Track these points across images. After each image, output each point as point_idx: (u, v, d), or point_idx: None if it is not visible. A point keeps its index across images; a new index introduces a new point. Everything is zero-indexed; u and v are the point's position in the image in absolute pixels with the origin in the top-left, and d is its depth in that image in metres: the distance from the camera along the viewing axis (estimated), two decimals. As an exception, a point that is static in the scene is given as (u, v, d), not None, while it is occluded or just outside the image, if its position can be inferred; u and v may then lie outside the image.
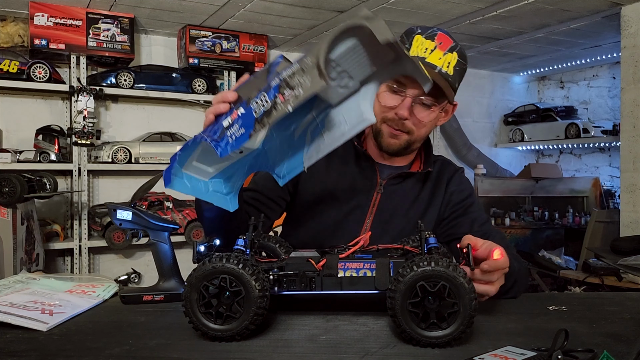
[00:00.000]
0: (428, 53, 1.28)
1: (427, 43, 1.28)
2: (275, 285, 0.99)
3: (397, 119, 1.32)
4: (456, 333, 0.87)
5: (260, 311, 0.90)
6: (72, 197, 3.96)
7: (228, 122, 0.94)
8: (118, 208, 1.20)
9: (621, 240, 3.46)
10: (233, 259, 0.91)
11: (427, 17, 3.88)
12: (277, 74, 0.91)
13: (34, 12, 3.56)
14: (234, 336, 0.91)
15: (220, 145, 0.93)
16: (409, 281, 0.87)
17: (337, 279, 0.98)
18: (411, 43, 1.30)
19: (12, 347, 0.89)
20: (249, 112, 0.92)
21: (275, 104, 0.90)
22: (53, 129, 3.75)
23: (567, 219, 4.86)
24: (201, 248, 1.00)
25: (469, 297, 0.86)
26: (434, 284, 0.87)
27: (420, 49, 1.28)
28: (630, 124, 3.73)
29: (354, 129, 0.99)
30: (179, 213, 3.97)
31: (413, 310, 0.87)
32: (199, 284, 0.91)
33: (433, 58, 1.28)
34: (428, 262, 0.87)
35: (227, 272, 0.90)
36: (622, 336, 0.94)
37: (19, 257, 3.16)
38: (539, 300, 1.26)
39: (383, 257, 1.00)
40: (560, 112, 5.39)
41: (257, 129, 0.91)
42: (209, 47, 4.16)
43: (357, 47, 0.91)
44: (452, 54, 1.29)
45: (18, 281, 1.28)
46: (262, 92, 0.91)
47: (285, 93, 0.89)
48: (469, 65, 1.40)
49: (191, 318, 0.91)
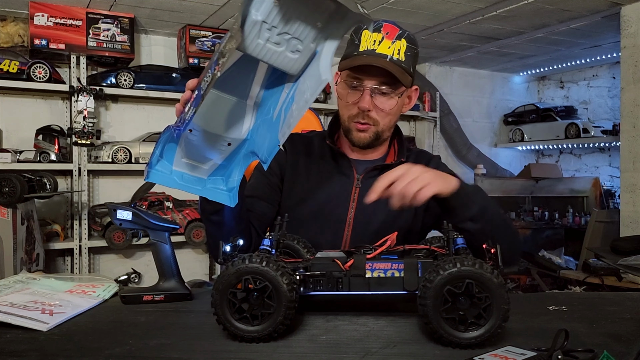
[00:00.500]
0: (377, 45, 1.33)
1: (375, 35, 1.33)
2: (302, 285, 0.99)
3: (361, 112, 1.37)
4: (493, 329, 0.87)
5: (292, 305, 0.90)
6: (72, 197, 3.96)
7: (188, 107, 1.00)
8: (118, 208, 1.20)
9: (621, 240, 3.46)
10: (272, 264, 0.90)
11: (427, 17, 3.88)
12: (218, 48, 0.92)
13: (34, 12, 3.56)
14: (271, 334, 0.90)
15: (180, 130, 0.99)
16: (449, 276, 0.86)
17: (364, 280, 0.98)
18: (360, 39, 1.35)
19: (12, 347, 0.89)
20: (199, 91, 0.96)
21: (214, 75, 0.91)
22: (53, 129, 3.75)
23: (567, 219, 4.86)
24: (227, 248, 1.00)
25: (500, 292, 0.86)
26: (462, 284, 0.86)
27: (369, 42, 1.33)
28: (630, 124, 3.73)
29: (315, 92, 0.96)
30: (179, 213, 3.97)
31: (448, 316, 0.87)
32: (227, 289, 0.90)
33: (382, 48, 1.32)
34: (472, 263, 0.87)
35: (252, 272, 0.89)
36: (622, 336, 0.94)
37: (19, 257, 3.16)
38: (539, 300, 1.26)
39: (411, 258, 1.00)
40: (560, 112, 5.40)
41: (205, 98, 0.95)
42: (209, 47, 4.15)
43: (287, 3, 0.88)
44: (401, 41, 1.34)
45: (18, 281, 1.28)
46: (207, 69, 0.94)
47: (220, 62, 0.90)
48: (468, 65, 1.42)
49: (224, 324, 0.91)
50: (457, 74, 5.62)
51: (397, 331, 0.97)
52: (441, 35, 4.37)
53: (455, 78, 5.61)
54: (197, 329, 0.99)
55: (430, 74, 5.42)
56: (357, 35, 1.36)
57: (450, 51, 4.92)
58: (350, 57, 1.35)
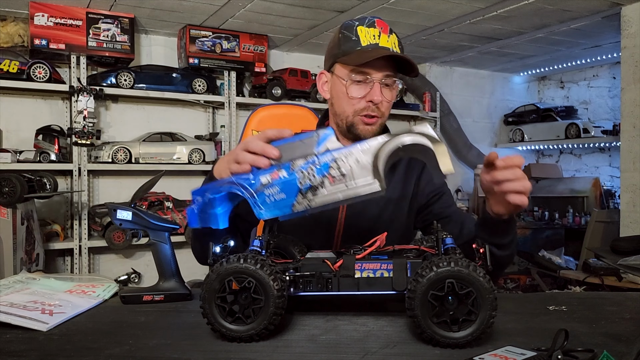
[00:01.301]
0: (377, 39, 1.35)
1: (372, 30, 1.35)
2: (292, 286, 0.99)
3: (369, 106, 1.37)
4: (477, 333, 0.87)
5: (279, 311, 0.90)
6: (72, 197, 3.96)
7: (267, 180, 0.93)
8: (118, 208, 1.20)
9: (621, 240, 3.46)
10: (250, 259, 0.90)
11: (427, 17, 3.88)
12: (327, 150, 0.91)
13: (34, 12, 3.56)
14: (253, 337, 0.90)
15: (257, 203, 0.93)
16: (428, 281, 0.87)
17: (354, 280, 0.98)
18: (357, 35, 1.36)
19: (12, 347, 0.89)
20: (292, 179, 0.92)
21: (323, 183, 0.91)
22: (53, 129, 3.75)
23: (567, 219, 4.86)
24: (217, 249, 1.00)
25: (489, 297, 0.86)
26: (453, 284, 0.86)
27: (369, 37, 1.35)
28: (630, 124, 3.73)
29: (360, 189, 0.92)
30: (179, 213, 3.97)
31: (433, 311, 0.87)
32: (216, 286, 0.90)
33: (383, 42, 1.35)
34: (448, 263, 0.87)
35: (244, 272, 0.89)
36: (622, 336, 0.94)
37: (19, 257, 3.16)
38: (539, 300, 1.26)
39: (400, 258, 1.00)
40: (560, 112, 5.40)
41: (300, 202, 0.92)
42: (209, 47, 4.16)
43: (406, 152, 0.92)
44: (393, 35, 1.37)
45: (18, 281, 1.28)
46: (310, 163, 0.92)
47: (335, 176, 0.90)
48: (468, 65, 1.44)
49: (209, 319, 0.91)
50: (457, 74, 5.62)
51: (397, 331, 0.97)
52: (441, 35, 4.37)
53: (455, 78, 5.61)
54: (197, 329, 0.99)
55: (431, 74, 5.42)
56: (353, 32, 1.36)
57: (451, 51, 4.92)
58: (354, 53, 1.34)
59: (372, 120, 1.40)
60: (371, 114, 1.38)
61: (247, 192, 0.93)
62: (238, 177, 0.96)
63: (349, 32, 1.36)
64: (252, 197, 0.93)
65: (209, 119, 4.50)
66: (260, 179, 0.94)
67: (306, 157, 0.92)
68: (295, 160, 0.93)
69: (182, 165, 4.06)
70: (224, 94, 4.37)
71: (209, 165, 4.17)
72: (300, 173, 0.92)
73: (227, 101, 4.37)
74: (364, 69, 1.34)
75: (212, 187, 0.98)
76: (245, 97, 4.50)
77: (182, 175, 4.30)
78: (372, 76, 1.35)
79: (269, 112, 1.84)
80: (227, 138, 4.36)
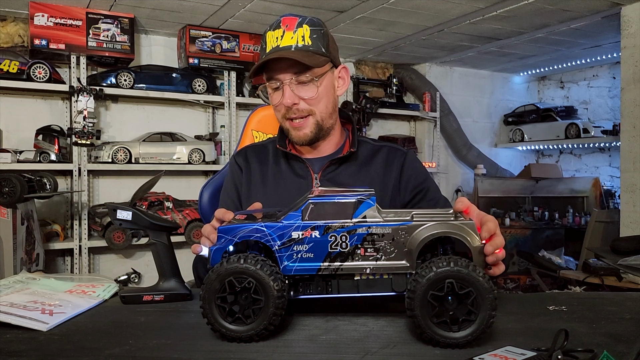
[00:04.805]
0: (280, 40, 1.34)
1: (276, 33, 1.35)
2: (291, 289, 0.99)
3: (290, 109, 1.38)
4: (477, 333, 0.87)
5: (279, 311, 0.90)
6: (72, 197, 3.96)
7: (297, 236, 0.93)
8: (118, 208, 1.20)
9: (621, 240, 3.46)
10: (250, 260, 0.90)
11: (427, 17, 3.88)
12: (364, 219, 0.92)
13: (34, 12, 3.56)
14: (253, 337, 0.90)
15: (283, 255, 0.93)
16: (428, 281, 0.87)
17: (353, 282, 0.98)
18: (266, 42, 1.37)
19: (12, 347, 0.89)
20: (324, 241, 0.92)
21: (354, 253, 0.92)
22: (53, 129, 3.75)
23: (567, 219, 4.86)
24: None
25: (489, 297, 0.86)
26: (452, 284, 0.86)
27: (272, 41, 1.36)
28: (630, 124, 3.73)
29: None
30: (179, 213, 3.97)
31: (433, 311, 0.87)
32: (216, 286, 0.90)
33: (285, 41, 1.34)
34: (447, 263, 0.87)
35: (245, 272, 0.90)
36: (622, 336, 0.94)
37: (19, 257, 3.16)
38: (539, 300, 1.26)
39: None
40: (560, 112, 5.40)
41: (326, 266, 0.93)
42: (209, 47, 4.16)
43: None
44: (303, 28, 1.35)
45: (18, 281, 1.28)
46: (345, 231, 0.92)
47: (367, 249, 0.91)
48: (468, 65, 1.42)
49: (209, 319, 0.91)
50: (457, 74, 5.62)
51: (397, 331, 0.97)
52: (441, 35, 4.37)
53: (455, 78, 5.61)
54: (197, 329, 0.99)
55: (431, 74, 5.42)
56: (263, 41, 1.38)
57: (451, 51, 4.92)
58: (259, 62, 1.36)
59: (299, 124, 1.40)
60: (293, 117, 1.39)
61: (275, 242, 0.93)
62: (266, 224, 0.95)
63: (262, 41, 1.39)
64: (278, 250, 0.93)
65: (208, 119, 4.50)
66: (291, 233, 0.93)
67: (342, 220, 0.93)
68: (331, 223, 0.93)
69: (182, 165, 4.07)
70: (224, 94, 4.37)
71: (209, 165, 4.17)
72: (333, 238, 0.92)
73: (227, 101, 4.37)
74: (271, 74, 1.36)
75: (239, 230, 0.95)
76: (245, 97, 4.50)
77: (182, 175, 4.30)
78: (280, 79, 1.36)
79: (269, 112, 1.84)
80: (227, 138, 4.36)
